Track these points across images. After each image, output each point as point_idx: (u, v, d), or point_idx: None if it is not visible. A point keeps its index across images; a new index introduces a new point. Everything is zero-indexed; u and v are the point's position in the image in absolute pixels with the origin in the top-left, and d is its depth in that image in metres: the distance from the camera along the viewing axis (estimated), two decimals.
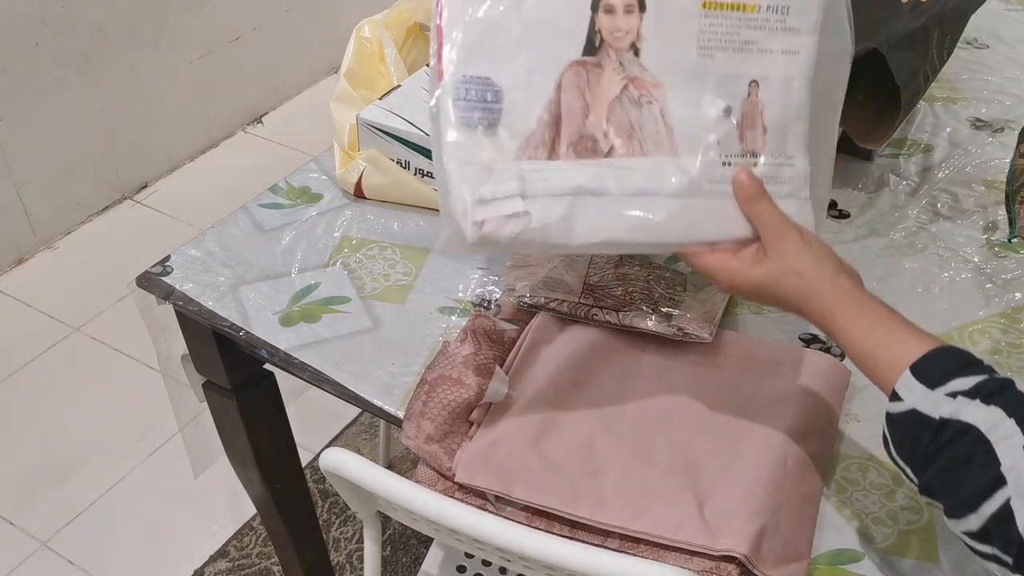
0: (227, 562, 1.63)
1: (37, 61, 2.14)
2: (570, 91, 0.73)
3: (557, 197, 0.72)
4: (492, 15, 0.72)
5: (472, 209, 0.71)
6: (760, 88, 0.75)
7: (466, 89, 0.72)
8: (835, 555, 0.76)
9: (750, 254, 0.74)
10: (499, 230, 0.71)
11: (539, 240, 0.72)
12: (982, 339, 0.94)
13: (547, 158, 0.72)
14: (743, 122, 0.75)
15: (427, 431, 0.83)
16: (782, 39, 0.74)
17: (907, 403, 0.63)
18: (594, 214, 0.73)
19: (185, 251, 1.04)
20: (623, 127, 0.73)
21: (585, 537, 0.78)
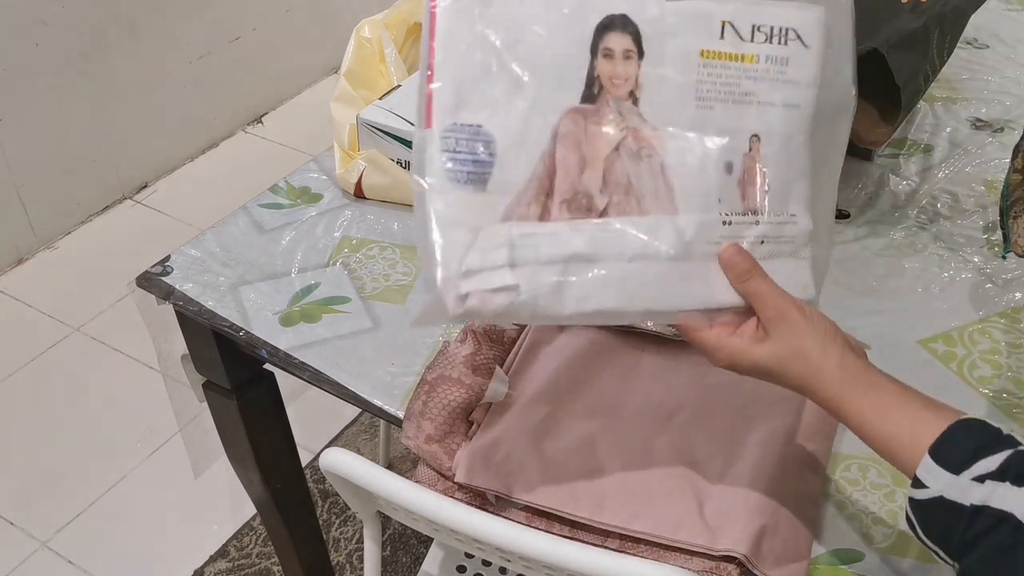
0: (227, 562, 1.63)
1: (37, 61, 2.14)
2: (566, 142, 0.69)
3: (548, 265, 0.68)
4: (486, 56, 0.68)
5: (457, 281, 0.67)
6: (761, 143, 0.70)
7: (456, 140, 0.68)
8: (835, 555, 0.75)
9: (750, 331, 0.69)
10: (485, 304, 0.67)
11: (527, 312, 0.68)
12: (982, 339, 0.94)
13: (539, 219, 0.68)
14: (744, 178, 0.70)
15: (427, 431, 0.83)
16: (782, 91, 0.70)
17: (932, 490, 0.60)
18: (587, 282, 0.68)
19: (185, 251, 1.04)
20: (620, 183, 0.69)
21: (585, 537, 0.78)
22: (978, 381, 0.90)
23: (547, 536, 0.75)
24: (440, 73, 0.69)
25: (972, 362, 0.92)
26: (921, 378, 0.90)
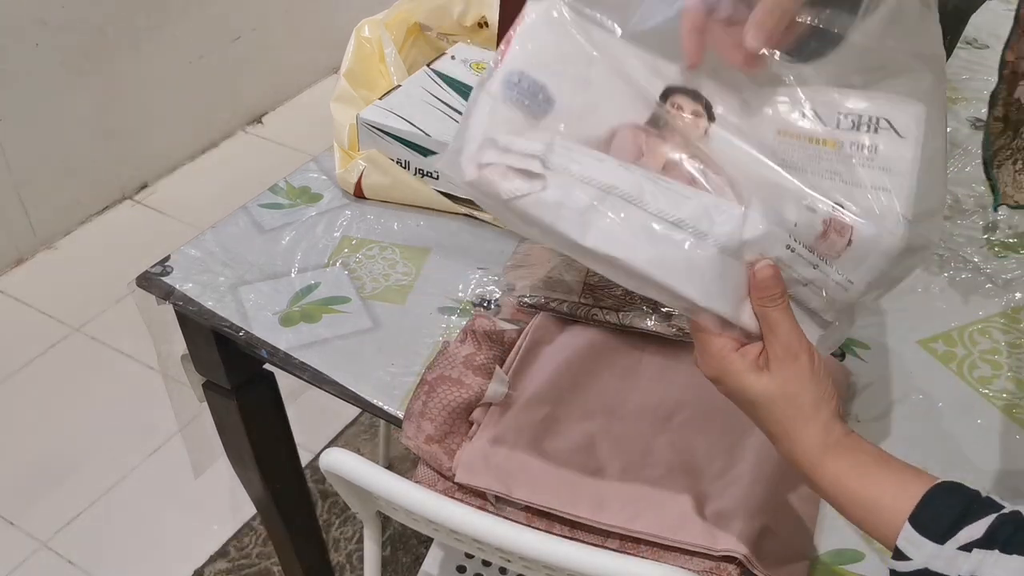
0: (227, 562, 1.63)
1: (37, 61, 2.14)
2: (624, 136, 0.63)
3: (584, 184, 0.61)
4: (566, 45, 0.64)
5: (480, 147, 0.62)
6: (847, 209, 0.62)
7: (520, 78, 0.64)
8: (835, 555, 0.75)
9: (753, 356, 0.64)
10: (502, 180, 0.61)
11: (545, 219, 0.62)
12: (982, 339, 0.94)
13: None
14: (831, 225, 0.61)
15: (427, 431, 0.83)
16: (872, 175, 0.61)
17: (916, 562, 0.57)
18: (618, 224, 0.61)
19: (185, 251, 1.04)
20: (681, 178, 0.63)
21: (585, 537, 0.78)
22: (978, 381, 0.90)
23: (547, 536, 0.75)
24: (521, 39, 0.65)
25: (972, 362, 0.92)
26: (921, 378, 0.90)
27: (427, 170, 1.09)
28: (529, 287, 0.96)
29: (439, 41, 1.30)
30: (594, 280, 0.96)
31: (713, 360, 0.65)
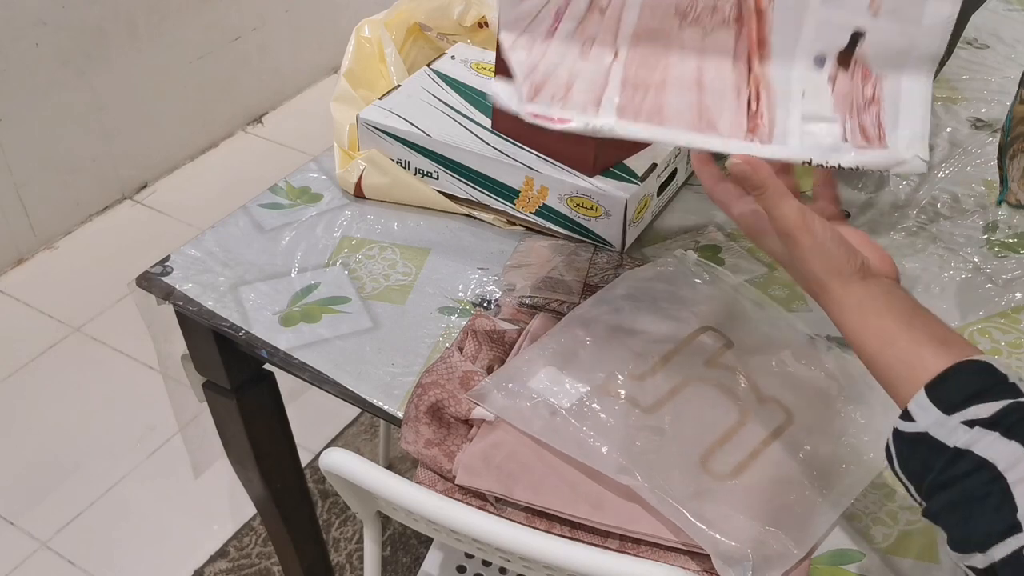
0: (227, 562, 1.63)
1: (37, 61, 2.14)
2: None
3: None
4: None
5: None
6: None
7: None
8: (835, 555, 0.75)
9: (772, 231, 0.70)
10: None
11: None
12: (982, 339, 0.94)
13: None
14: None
15: (426, 435, 0.83)
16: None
17: (919, 425, 0.58)
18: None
19: (185, 251, 1.04)
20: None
21: (585, 537, 0.78)
22: None
23: (547, 536, 0.75)
24: None
25: None
26: None
27: (427, 170, 1.09)
28: (529, 287, 0.96)
29: (439, 41, 1.29)
30: (594, 280, 0.96)
31: (742, 225, 0.72)
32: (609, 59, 0.71)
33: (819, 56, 0.68)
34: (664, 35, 0.70)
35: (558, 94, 0.71)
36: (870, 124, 0.69)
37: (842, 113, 0.69)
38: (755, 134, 0.70)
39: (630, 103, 0.71)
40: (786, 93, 0.69)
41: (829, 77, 0.69)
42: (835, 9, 0.67)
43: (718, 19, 0.69)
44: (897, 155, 0.69)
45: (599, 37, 0.71)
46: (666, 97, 0.70)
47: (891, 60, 0.68)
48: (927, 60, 0.68)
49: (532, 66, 0.71)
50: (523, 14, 0.71)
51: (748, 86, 0.70)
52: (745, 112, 0.70)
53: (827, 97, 0.69)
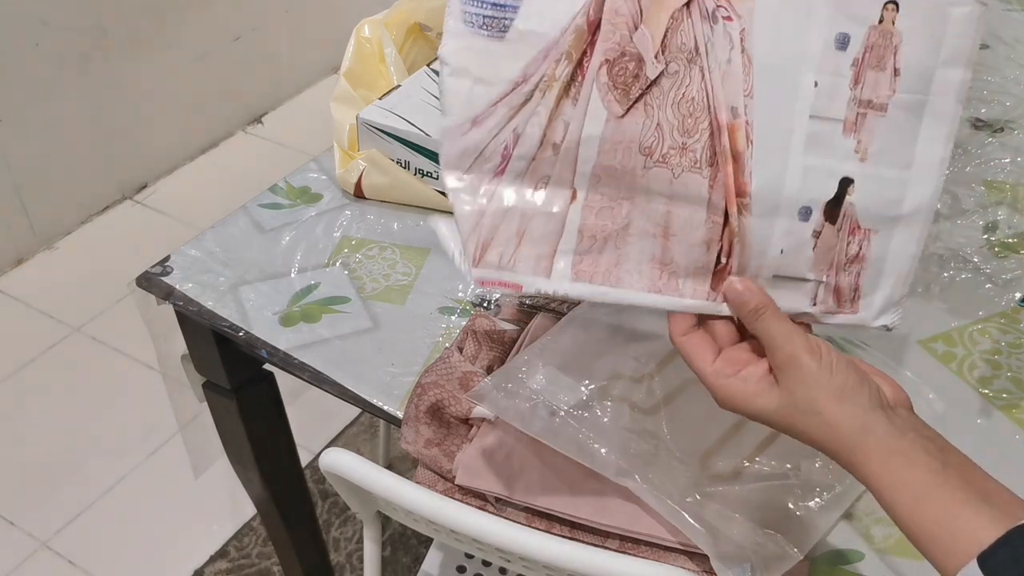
0: (227, 562, 1.63)
1: (37, 61, 2.14)
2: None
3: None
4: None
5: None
6: (899, 12, 0.55)
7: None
8: (835, 555, 0.75)
9: (758, 375, 0.59)
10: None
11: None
12: (982, 339, 0.94)
13: (565, 88, 0.58)
14: (864, 58, 0.56)
15: (426, 435, 0.83)
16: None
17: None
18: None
19: (185, 251, 1.04)
20: (684, 49, 0.56)
21: (585, 538, 0.78)
22: (978, 381, 0.90)
23: (547, 536, 0.75)
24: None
25: (972, 362, 0.92)
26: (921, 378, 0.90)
27: (427, 170, 1.09)
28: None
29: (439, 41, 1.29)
30: None
31: (717, 391, 0.60)
32: (566, 201, 0.61)
33: (804, 208, 0.60)
34: (627, 176, 0.60)
35: (507, 251, 0.61)
36: (847, 286, 0.62)
37: (819, 272, 0.61)
38: (718, 291, 0.62)
39: (586, 258, 0.61)
40: (763, 249, 0.60)
41: (814, 232, 0.60)
42: (820, 154, 0.59)
43: (688, 161, 0.59)
44: (863, 321, 0.63)
45: (554, 176, 0.60)
46: (628, 248, 0.61)
47: (882, 212, 0.61)
48: (921, 211, 0.62)
49: (478, 215, 0.60)
50: (466, 150, 0.60)
51: (721, 239, 0.61)
52: (712, 269, 0.62)
53: (808, 253, 0.61)
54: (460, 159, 0.60)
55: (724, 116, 0.58)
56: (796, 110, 0.58)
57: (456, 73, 0.59)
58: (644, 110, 0.58)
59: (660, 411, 0.83)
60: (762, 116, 0.58)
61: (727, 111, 0.58)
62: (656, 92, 0.58)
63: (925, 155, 0.60)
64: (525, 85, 0.58)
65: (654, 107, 0.58)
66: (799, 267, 0.61)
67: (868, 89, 0.58)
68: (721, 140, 0.58)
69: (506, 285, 0.61)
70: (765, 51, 0.57)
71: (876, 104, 0.58)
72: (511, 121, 0.59)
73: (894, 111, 0.58)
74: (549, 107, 0.59)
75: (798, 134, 0.58)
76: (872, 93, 0.58)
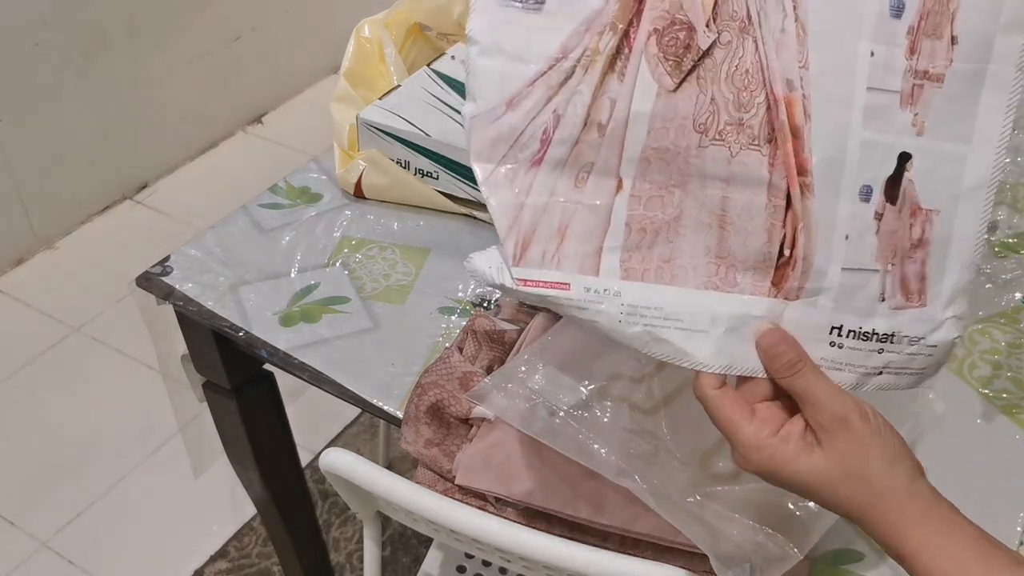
0: (227, 562, 1.63)
1: (37, 61, 2.14)
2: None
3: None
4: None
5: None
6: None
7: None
8: (835, 555, 0.75)
9: (797, 436, 0.54)
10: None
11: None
12: (982, 339, 0.94)
13: (610, 62, 0.54)
14: (919, 25, 0.52)
15: (426, 435, 0.83)
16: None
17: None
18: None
19: (185, 251, 1.04)
20: (736, 16, 0.53)
21: (585, 538, 0.78)
22: (978, 381, 0.90)
23: (547, 536, 0.75)
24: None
25: (972, 362, 0.92)
26: None
27: (427, 170, 1.09)
28: None
29: (439, 41, 1.29)
30: None
31: (752, 453, 0.55)
32: (611, 191, 0.57)
33: (865, 187, 0.56)
34: (681, 156, 0.55)
35: (550, 248, 0.56)
36: (913, 274, 0.58)
37: (884, 261, 0.57)
38: (781, 288, 0.57)
39: (635, 254, 0.57)
40: (828, 236, 0.56)
41: (876, 213, 0.56)
42: (878, 128, 0.55)
43: (746, 138, 0.55)
44: (934, 316, 0.58)
45: (599, 163, 0.56)
46: (680, 241, 0.57)
47: (942, 189, 0.57)
48: (983, 187, 0.57)
49: (516, 210, 0.56)
50: (500, 137, 0.55)
51: (784, 226, 0.56)
52: (774, 262, 0.57)
53: (871, 239, 0.57)
54: (493, 148, 0.56)
55: (780, 89, 0.54)
56: (853, 82, 0.54)
57: (487, 52, 0.55)
58: (697, 83, 0.54)
59: (660, 411, 0.83)
60: (819, 89, 0.54)
61: (783, 83, 0.54)
62: (709, 64, 0.54)
63: (985, 127, 0.56)
64: (565, 61, 0.54)
65: (707, 80, 0.54)
66: (864, 256, 0.56)
67: (924, 59, 0.54)
68: (779, 115, 0.54)
69: (552, 286, 0.57)
70: (819, 20, 0.53)
71: (933, 75, 0.54)
72: (551, 102, 0.55)
73: (952, 81, 0.54)
74: (593, 84, 0.54)
75: (856, 107, 0.54)
76: (928, 63, 0.54)
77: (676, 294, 0.57)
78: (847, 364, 0.56)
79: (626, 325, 0.57)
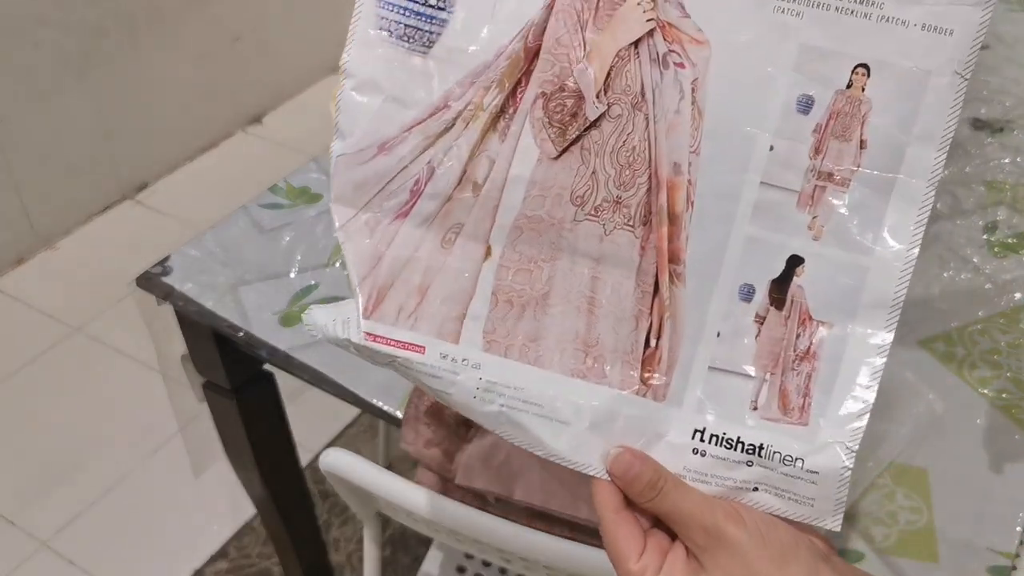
0: (227, 562, 1.63)
1: (37, 61, 2.14)
2: (564, 15, 0.51)
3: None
4: None
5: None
6: (871, 78, 0.50)
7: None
8: None
9: (680, 566, 0.49)
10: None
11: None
12: (982, 339, 0.94)
13: (493, 122, 0.52)
14: (828, 125, 0.50)
15: (426, 436, 0.83)
16: (925, 7, 0.48)
17: None
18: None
19: (185, 251, 1.04)
20: (629, 91, 0.51)
21: (585, 538, 0.78)
22: (978, 381, 0.90)
23: (547, 536, 0.75)
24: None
25: (972, 362, 0.92)
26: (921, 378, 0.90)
27: None
28: None
29: None
30: None
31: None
32: (479, 257, 0.53)
33: (746, 286, 0.52)
34: (553, 229, 0.52)
35: (408, 305, 0.53)
36: (794, 388, 0.52)
37: (763, 369, 0.52)
38: (648, 384, 0.53)
39: (500, 326, 0.53)
40: (697, 331, 0.53)
41: (756, 316, 0.52)
42: (767, 226, 0.52)
43: (621, 217, 0.52)
44: (814, 437, 0.51)
45: (468, 225, 0.52)
46: (547, 321, 0.53)
47: (836, 302, 0.52)
48: (883, 307, 0.53)
49: (374, 259, 0.53)
50: (366, 181, 0.53)
51: (651, 314, 0.53)
52: (642, 350, 0.53)
53: (749, 343, 0.53)
54: (357, 192, 0.54)
55: (665, 172, 0.52)
56: (746, 175, 0.51)
57: (363, 88, 0.53)
58: (580, 155, 0.52)
59: None
60: (707, 177, 0.51)
61: (669, 166, 0.52)
62: (595, 136, 0.52)
63: (890, 241, 0.51)
64: (447, 112, 0.52)
65: (591, 152, 0.52)
66: (739, 359, 0.52)
67: (830, 160, 0.51)
68: (659, 198, 0.52)
69: (404, 346, 0.53)
70: (718, 105, 0.51)
71: (838, 178, 0.51)
72: (426, 152, 0.52)
73: (857, 187, 0.51)
74: (472, 140, 0.52)
75: (745, 201, 0.51)
76: (834, 165, 0.51)
77: (540, 377, 0.53)
78: (712, 476, 0.51)
79: (481, 402, 0.53)
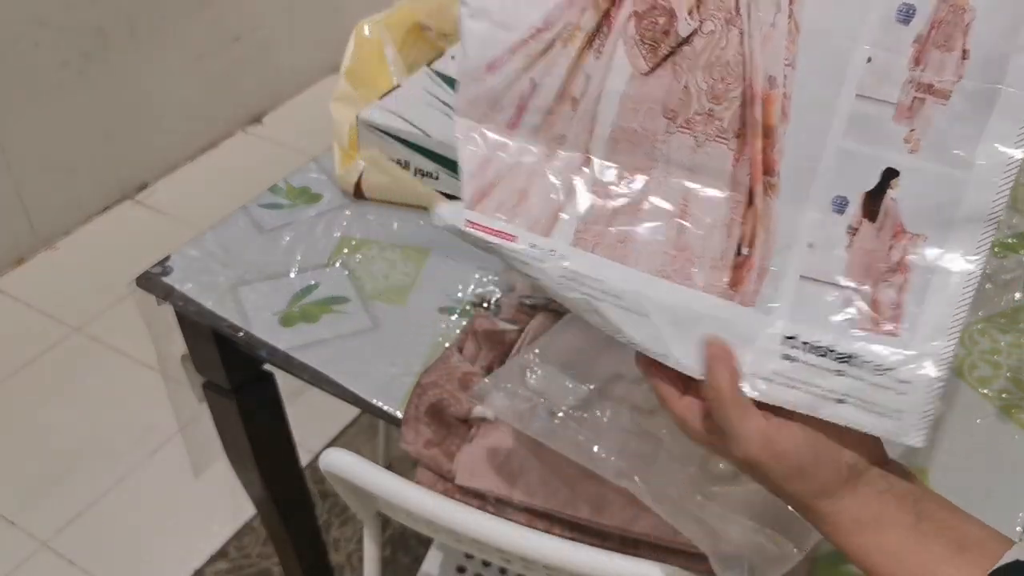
0: (227, 562, 1.63)
1: (36, 61, 2.14)
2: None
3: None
4: None
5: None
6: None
7: None
8: (836, 555, 0.75)
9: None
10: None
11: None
12: (982, 339, 0.94)
13: (590, 38, 0.54)
14: (929, 35, 0.48)
15: (426, 435, 0.83)
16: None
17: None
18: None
19: (185, 251, 1.04)
20: (722, 8, 0.52)
21: (585, 538, 0.78)
22: (978, 381, 0.90)
23: (547, 537, 0.75)
24: None
25: (972, 362, 0.92)
26: None
27: (427, 170, 1.09)
28: (529, 287, 0.96)
29: (439, 41, 1.29)
30: None
31: (684, 428, 0.57)
32: (578, 165, 0.57)
33: (839, 198, 0.52)
34: (647, 140, 0.55)
35: (507, 202, 0.57)
36: (887, 300, 0.53)
37: (855, 279, 0.53)
38: (737, 290, 0.55)
39: (592, 227, 0.56)
40: (789, 241, 0.53)
41: (849, 228, 0.53)
42: (862, 139, 0.52)
43: (714, 129, 0.54)
44: (906, 347, 0.52)
45: (570, 136, 0.56)
46: (639, 224, 0.56)
47: (931, 215, 0.51)
48: (979, 221, 0.51)
49: (483, 162, 0.57)
50: (480, 97, 0.57)
51: (743, 223, 0.54)
52: (732, 257, 0.55)
53: (840, 254, 0.53)
54: (472, 106, 0.57)
55: (760, 85, 0.52)
56: (842, 87, 0.51)
57: (475, 14, 0.56)
58: (672, 70, 0.54)
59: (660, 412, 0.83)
60: (802, 90, 0.52)
61: (764, 80, 0.52)
62: (687, 51, 0.53)
63: (990, 154, 0.50)
64: (547, 32, 0.55)
65: (683, 68, 0.53)
66: (831, 269, 0.53)
67: (931, 71, 0.49)
68: (754, 111, 0.52)
69: (498, 234, 0.57)
70: (815, 18, 0.50)
71: (938, 89, 0.50)
72: (529, 70, 0.56)
73: (958, 99, 0.49)
74: (570, 58, 0.55)
75: (841, 114, 0.51)
76: (934, 76, 0.49)
77: (623, 273, 0.56)
78: (800, 382, 0.53)
79: (565, 288, 0.57)
